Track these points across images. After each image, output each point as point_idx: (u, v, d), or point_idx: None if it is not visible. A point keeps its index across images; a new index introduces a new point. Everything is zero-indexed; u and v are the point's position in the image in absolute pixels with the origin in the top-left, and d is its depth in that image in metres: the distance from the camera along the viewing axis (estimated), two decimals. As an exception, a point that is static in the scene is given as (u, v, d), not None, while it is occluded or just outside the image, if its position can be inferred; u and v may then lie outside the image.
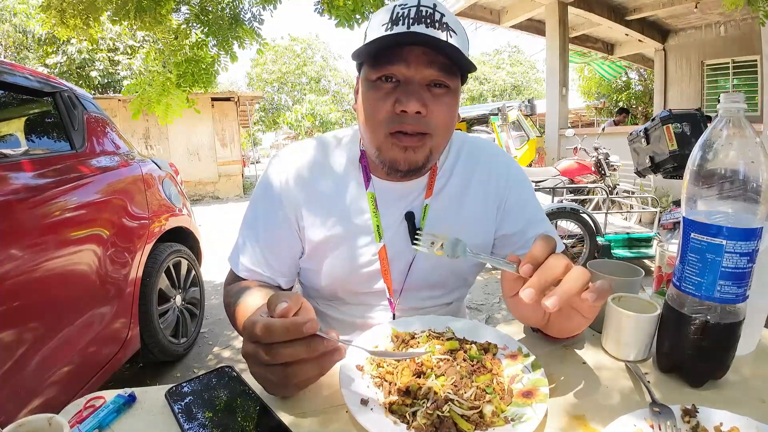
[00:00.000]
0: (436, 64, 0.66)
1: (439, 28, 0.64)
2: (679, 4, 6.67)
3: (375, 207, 0.78)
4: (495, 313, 3.02)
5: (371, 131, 0.70)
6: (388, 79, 0.67)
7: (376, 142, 0.71)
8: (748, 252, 0.51)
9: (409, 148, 0.69)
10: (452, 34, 0.66)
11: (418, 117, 0.66)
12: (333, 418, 0.52)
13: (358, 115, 0.75)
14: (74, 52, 11.20)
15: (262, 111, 23.22)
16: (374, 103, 0.68)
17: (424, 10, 0.65)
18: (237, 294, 0.76)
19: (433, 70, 0.66)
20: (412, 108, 0.64)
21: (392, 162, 0.70)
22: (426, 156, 0.71)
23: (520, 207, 0.84)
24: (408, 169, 0.71)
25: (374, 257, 0.79)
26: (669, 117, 3.13)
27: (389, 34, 0.64)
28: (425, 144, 0.69)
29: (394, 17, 0.66)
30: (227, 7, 3.17)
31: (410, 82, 0.66)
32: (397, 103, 0.66)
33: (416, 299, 0.83)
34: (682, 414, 0.49)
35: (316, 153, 0.83)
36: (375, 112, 0.68)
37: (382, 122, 0.68)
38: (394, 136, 0.68)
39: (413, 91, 0.65)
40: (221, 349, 2.58)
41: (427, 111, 0.66)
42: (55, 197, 1.53)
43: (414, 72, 0.66)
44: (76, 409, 0.52)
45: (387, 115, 0.67)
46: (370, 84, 0.69)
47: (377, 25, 0.68)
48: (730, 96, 0.52)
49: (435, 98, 0.67)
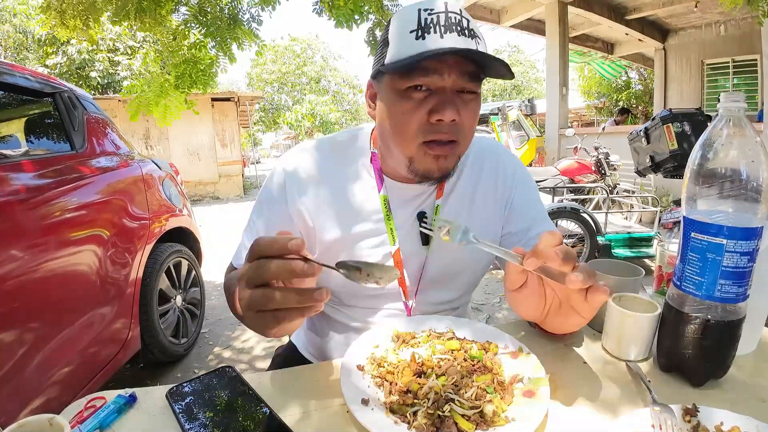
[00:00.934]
0: (467, 73, 0.66)
1: (469, 35, 0.64)
2: (678, 4, 6.66)
3: (388, 210, 0.78)
4: (495, 312, 3.02)
5: (402, 141, 0.69)
6: (419, 88, 0.66)
7: (407, 152, 0.70)
8: (748, 251, 0.51)
9: (441, 157, 0.69)
10: (479, 41, 0.66)
11: (452, 125, 0.66)
12: (334, 418, 0.52)
13: (381, 123, 0.73)
14: (74, 52, 11.21)
15: (262, 111, 23.23)
16: (404, 113, 0.67)
17: (453, 16, 0.64)
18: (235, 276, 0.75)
19: (465, 78, 0.66)
20: (448, 117, 0.64)
21: (426, 171, 0.70)
22: (455, 162, 0.72)
23: (524, 206, 0.85)
24: (440, 176, 0.72)
25: (388, 260, 0.79)
26: (669, 116, 3.13)
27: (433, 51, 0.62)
28: (455, 151, 0.70)
29: (424, 24, 0.64)
30: (226, 8, 3.16)
31: (443, 90, 0.66)
32: (434, 113, 0.65)
33: (429, 303, 0.83)
34: (683, 413, 0.49)
35: (324, 154, 0.82)
36: (407, 122, 0.68)
37: (416, 132, 0.67)
38: (426, 145, 0.68)
39: (449, 101, 0.65)
40: (222, 350, 2.58)
41: (460, 118, 0.67)
42: (56, 198, 1.53)
43: (447, 81, 0.65)
44: (77, 409, 0.52)
45: (420, 125, 0.67)
46: (400, 93, 0.67)
47: (404, 31, 0.65)
48: (730, 95, 0.52)
49: (465, 104, 0.67)
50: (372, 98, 0.76)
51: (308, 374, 0.62)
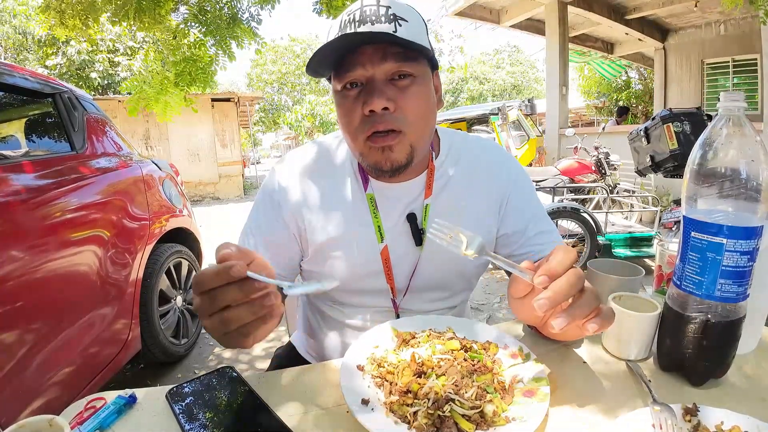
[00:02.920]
0: (391, 56, 0.66)
1: (386, 21, 0.65)
2: (678, 3, 6.66)
3: (375, 208, 0.79)
4: (496, 312, 3.02)
5: (351, 140, 0.72)
6: (353, 86, 0.69)
7: (358, 148, 0.72)
8: (748, 251, 0.51)
9: (386, 148, 0.69)
10: (401, 23, 0.66)
11: (387, 113, 0.67)
12: (334, 418, 0.52)
13: (339, 126, 0.76)
14: (74, 53, 11.21)
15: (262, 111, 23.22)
16: (346, 111, 0.70)
17: (368, 9, 0.66)
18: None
19: (391, 62, 0.66)
20: (377, 105, 0.65)
21: (375, 164, 0.71)
22: (407, 153, 0.70)
23: (521, 206, 0.84)
24: (392, 169, 0.71)
25: (376, 257, 0.79)
26: (669, 116, 3.13)
27: (328, 42, 0.64)
28: (402, 141, 0.69)
29: (342, 25, 0.67)
30: (225, 7, 3.17)
31: (371, 81, 0.67)
32: (364, 105, 0.66)
33: (421, 301, 0.83)
34: (683, 413, 0.49)
35: (316, 156, 0.84)
36: (349, 121, 0.70)
37: (357, 128, 0.69)
38: (370, 139, 0.69)
39: (376, 89, 0.66)
40: (222, 350, 2.58)
41: (395, 106, 0.66)
42: (56, 198, 1.53)
43: (372, 70, 0.66)
44: (77, 410, 0.52)
45: (359, 120, 0.68)
46: (339, 95, 0.71)
47: (330, 36, 0.69)
48: (730, 95, 0.52)
49: (401, 91, 0.67)
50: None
51: (308, 374, 0.62)
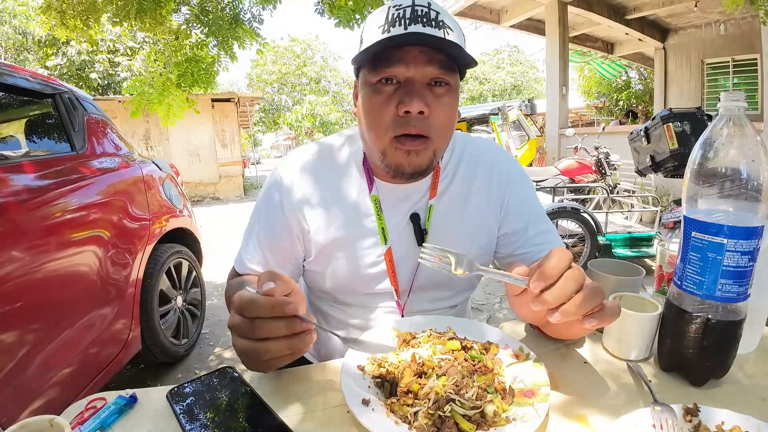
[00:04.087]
0: (436, 62, 0.65)
1: (436, 26, 0.64)
2: (678, 3, 6.66)
3: (379, 209, 0.79)
4: (496, 312, 3.02)
5: (375, 136, 0.70)
6: (389, 81, 0.67)
7: (380, 146, 0.70)
8: (749, 251, 0.51)
9: (413, 152, 0.68)
10: (449, 32, 0.65)
11: (421, 118, 0.66)
12: (334, 419, 0.52)
13: (359, 119, 0.74)
14: (74, 53, 11.22)
15: (262, 112, 23.24)
16: (377, 107, 0.68)
17: (420, 9, 0.65)
18: (238, 285, 0.78)
19: (433, 67, 0.65)
20: (415, 108, 0.64)
21: (397, 166, 0.70)
22: (430, 159, 0.71)
23: (521, 206, 0.84)
24: (413, 172, 0.71)
25: (380, 259, 0.79)
26: (669, 116, 3.13)
27: (387, 37, 0.64)
28: (428, 147, 0.69)
29: (390, 19, 0.65)
30: (227, 8, 3.17)
31: (411, 82, 0.66)
32: (401, 105, 0.65)
33: (424, 301, 0.83)
34: (684, 413, 0.49)
35: (319, 157, 0.84)
36: (378, 116, 0.68)
37: (387, 126, 0.67)
38: (397, 140, 0.68)
39: (416, 91, 0.65)
40: (222, 350, 2.58)
41: (429, 111, 0.66)
42: (56, 199, 1.53)
43: (414, 71, 0.65)
44: (78, 410, 0.52)
45: (391, 118, 0.67)
46: (371, 87, 0.68)
47: (374, 27, 0.67)
48: (730, 95, 0.52)
49: (437, 98, 0.67)
50: (356, 97, 0.76)
51: (308, 374, 0.62)
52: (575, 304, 0.49)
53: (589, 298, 0.50)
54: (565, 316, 0.49)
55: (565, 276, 0.50)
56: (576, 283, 0.50)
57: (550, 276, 0.50)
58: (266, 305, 0.49)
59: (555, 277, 0.50)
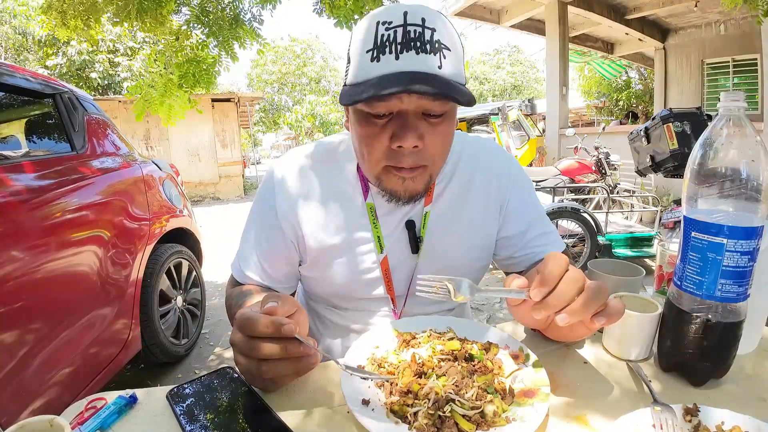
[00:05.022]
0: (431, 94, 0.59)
1: (431, 51, 0.58)
2: (678, 3, 6.66)
3: (374, 217, 0.77)
4: (496, 312, 3.02)
5: (368, 163, 0.67)
6: (381, 114, 0.63)
7: (374, 173, 0.68)
8: (748, 251, 0.51)
9: (408, 179, 0.66)
10: (446, 54, 0.59)
11: (415, 151, 0.63)
12: (334, 419, 0.52)
13: (352, 138, 0.71)
14: (74, 53, 11.22)
15: (262, 112, 23.23)
16: (369, 138, 0.64)
17: (413, 30, 0.58)
18: (238, 297, 0.77)
19: (429, 99, 0.60)
20: (408, 144, 0.61)
21: (391, 191, 0.69)
22: (426, 183, 0.69)
23: (521, 208, 0.83)
24: (409, 198, 0.69)
25: (375, 267, 0.78)
26: (669, 116, 3.13)
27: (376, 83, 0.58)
28: (424, 173, 0.67)
29: (380, 42, 0.58)
30: (227, 8, 3.17)
31: (404, 114, 0.61)
32: (394, 138, 0.62)
33: (421, 306, 0.83)
34: (684, 413, 0.49)
35: (315, 160, 0.81)
36: (371, 147, 0.65)
37: (380, 157, 0.65)
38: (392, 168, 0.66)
39: (410, 125, 0.61)
40: (222, 350, 2.58)
41: (424, 144, 0.63)
42: (56, 199, 1.53)
43: (408, 104, 0.61)
44: (78, 410, 0.52)
45: (383, 151, 0.64)
46: (363, 116, 0.64)
47: (362, 50, 0.61)
48: (730, 95, 0.52)
49: (432, 128, 0.63)
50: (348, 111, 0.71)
51: (308, 374, 0.62)
52: (581, 304, 0.49)
53: (595, 297, 0.50)
54: (572, 316, 0.49)
55: (565, 279, 0.50)
56: (577, 284, 0.50)
57: (549, 282, 0.50)
58: (262, 324, 0.50)
59: (554, 282, 0.50)
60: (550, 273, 0.50)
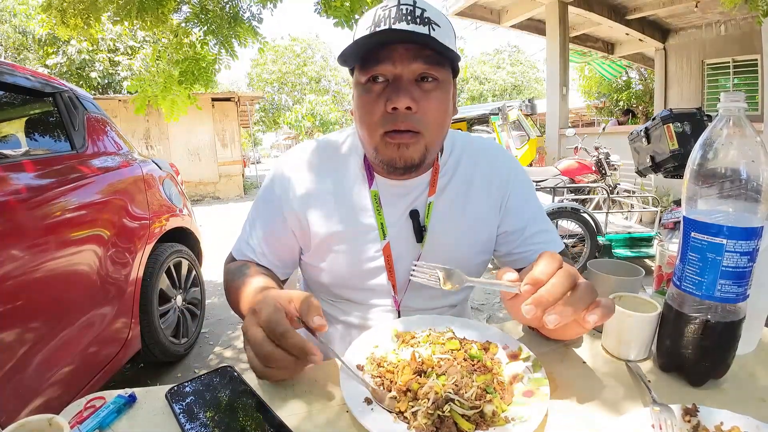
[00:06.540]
0: (421, 58, 0.67)
1: (420, 23, 0.65)
2: (679, 4, 6.66)
3: (378, 205, 0.79)
4: (496, 312, 3.02)
5: (367, 133, 0.72)
6: (377, 80, 0.69)
7: (372, 142, 0.72)
8: (748, 251, 0.51)
9: (402, 145, 0.70)
10: (435, 27, 0.66)
11: (409, 114, 0.67)
12: (334, 418, 0.52)
13: (354, 118, 0.77)
14: (74, 52, 11.21)
15: (262, 111, 23.21)
16: (366, 105, 0.70)
17: (405, 8, 0.66)
18: (238, 271, 0.80)
19: (419, 63, 0.67)
20: (401, 104, 0.65)
21: (389, 160, 0.72)
22: (422, 153, 0.71)
23: (521, 205, 0.85)
24: (405, 166, 0.72)
25: (378, 254, 0.80)
26: (669, 116, 3.13)
27: (368, 35, 0.65)
28: (419, 141, 0.70)
29: (377, 19, 0.67)
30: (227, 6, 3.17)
31: (398, 78, 0.67)
32: (388, 101, 0.67)
33: (422, 299, 0.84)
34: (683, 413, 0.49)
35: (320, 153, 0.85)
36: (369, 114, 0.70)
37: (377, 123, 0.69)
38: (388, 135, 0.69)
39: (402, 87, 0.66)
40: (222, 349, 2.58)
41: (417, 107, 0.67)
42: (56, 198, 1.53)
43: (401, 69, 0.67)
44: (77, 409, 0.52)
45: (380, 116, 0.69)
46: (361, 87, 0.71)
47: (362, 29, 0.69)
48: (730, 95, 0.52)
49: (425, 93, 0.68)
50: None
51: (308, 374, 0.62)
52: (569, 303, 0.50)
53: (585, 294, 0.50)
54: (561, 316, 0.49)
55: (556, 275, 0.51)
56: (567, 281, 0.51)
57: (539, 278, 0.51)
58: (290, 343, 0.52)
59: (545, 278, 0.51)
60: (541, 271, 0.51)
